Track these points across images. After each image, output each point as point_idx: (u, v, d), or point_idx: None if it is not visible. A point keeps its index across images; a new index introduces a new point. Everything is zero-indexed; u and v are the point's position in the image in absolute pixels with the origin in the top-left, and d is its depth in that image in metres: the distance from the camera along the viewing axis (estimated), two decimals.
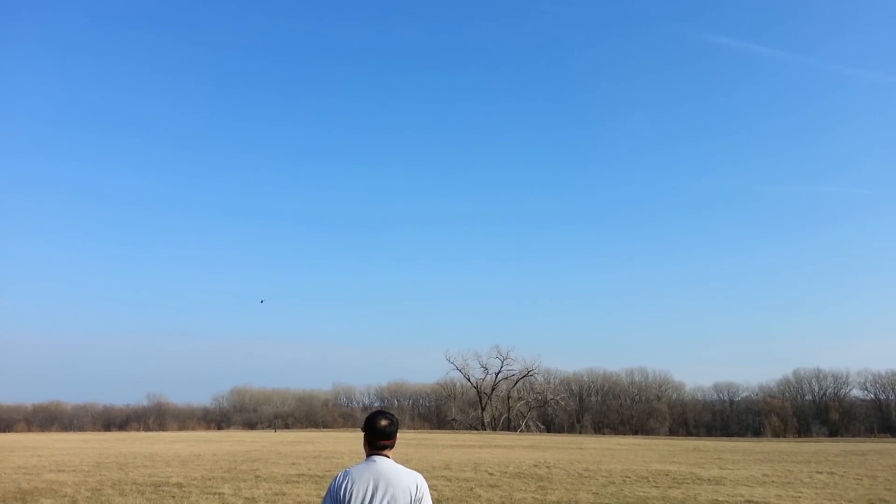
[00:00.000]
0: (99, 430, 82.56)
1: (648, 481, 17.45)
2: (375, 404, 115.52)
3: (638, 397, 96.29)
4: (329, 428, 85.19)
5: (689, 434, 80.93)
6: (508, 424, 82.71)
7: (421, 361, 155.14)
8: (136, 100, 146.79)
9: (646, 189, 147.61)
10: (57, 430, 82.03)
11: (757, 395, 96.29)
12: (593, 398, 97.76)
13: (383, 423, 3.70)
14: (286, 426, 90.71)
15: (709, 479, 17.72)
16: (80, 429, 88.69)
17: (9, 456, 25.70)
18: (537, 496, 14.02)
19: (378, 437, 3.69)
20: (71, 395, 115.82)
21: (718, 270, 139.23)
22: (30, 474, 17.89)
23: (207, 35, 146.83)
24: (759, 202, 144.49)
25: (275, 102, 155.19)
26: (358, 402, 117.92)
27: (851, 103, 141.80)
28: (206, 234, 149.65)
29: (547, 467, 21.08)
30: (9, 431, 79.15)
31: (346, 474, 3.63)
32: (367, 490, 3.52)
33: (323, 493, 13.90)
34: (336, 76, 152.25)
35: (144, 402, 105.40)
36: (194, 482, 15.98)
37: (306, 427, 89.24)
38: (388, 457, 3.72)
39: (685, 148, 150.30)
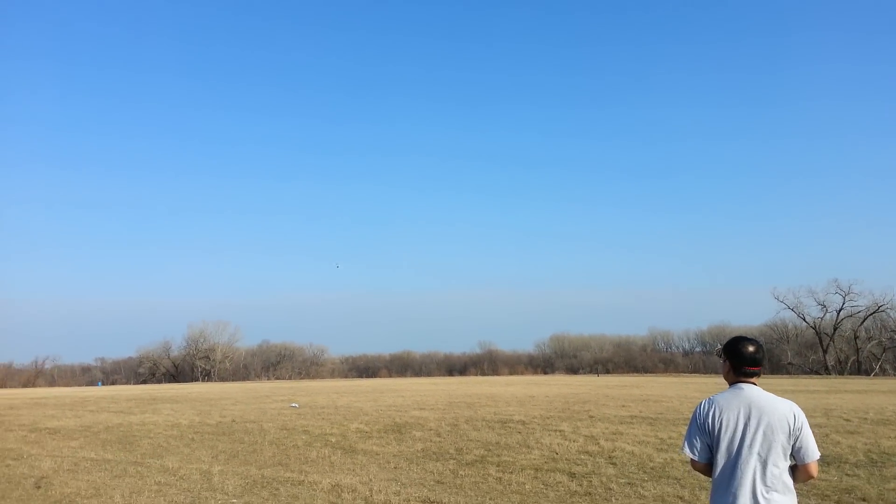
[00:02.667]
0: (443, 375, 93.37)
1: None
2: (697, 349, 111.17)
3: None
4: (650, 373, 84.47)
5: None
6: (858, 368, 72.94)
7: (745, 302, 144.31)
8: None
9: None
10: (410, 376, 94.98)
11: None
12: None
13: (751, 348, 3.47)
14: (607, 371, 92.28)
15: None
16: (428, 374, 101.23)
17: (381, 396, 30.61)
18: None
19: (745, 364, 3.45)
20: (418, 346, 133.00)
21: None
22: (400, 411, 21.12)
23: None
24: None
25: None
26: (677, 347, 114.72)
27: None
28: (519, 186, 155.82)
29: None
30: (375, 376, 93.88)
31: (711, 402, 3.46)
32: (738, 418, 3.32)
33: (669, 434, 14.07)
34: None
35: (477, 350, 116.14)
36: (535, 420, 17.33)
37: (626, 372, 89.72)
38: (756, 384, 3.47)
39: None
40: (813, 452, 3.31)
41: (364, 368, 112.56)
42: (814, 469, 3.31)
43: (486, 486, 9.06)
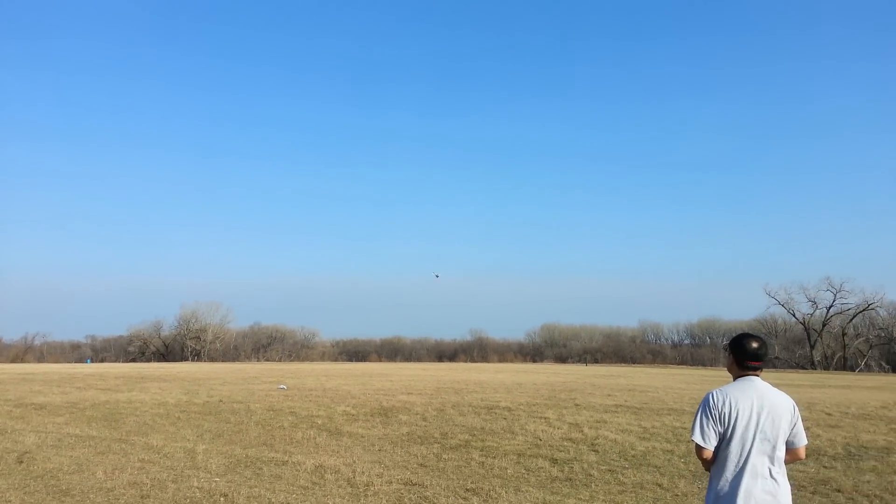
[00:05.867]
0: (433, 361, 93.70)
1: None
2: (685, 342, 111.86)
3: None
4: (638, 364, 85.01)
5: None
6: (844, 364, 73.64)
7: (735, 297, 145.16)
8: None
9: None
10: (400, 361, 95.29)
11: None
12: None
13: (754, 344, 3.73)
14: (595, 361, 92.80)
15: None
16: (418, 359, 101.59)
17: (369, 380, 30.71)
18: (891, 438, 12.48)
19: (750, 358, 3.71)
20: (409, 331, 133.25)
21: None
22: (387, 395, 21.20)
23: None
24: None
25: None
26: (666, 339, 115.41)
27: None
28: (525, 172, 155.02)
29: None
30: (364, 361, 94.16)
31: (725, 392, 3.67)
32: (752, 407, 3.58)
33: (652, 423, 14.19)
34: None
35: (468, 337, 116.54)
36: (521, 406, 17.44)
37: (615, 362, 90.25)
38: (759, 377, 3.74)
39: None
40: (804, 438, 3.71)
41: (354, 353, 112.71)
42: (803, 452, 3.74)
43: (468, 469, 9.13)
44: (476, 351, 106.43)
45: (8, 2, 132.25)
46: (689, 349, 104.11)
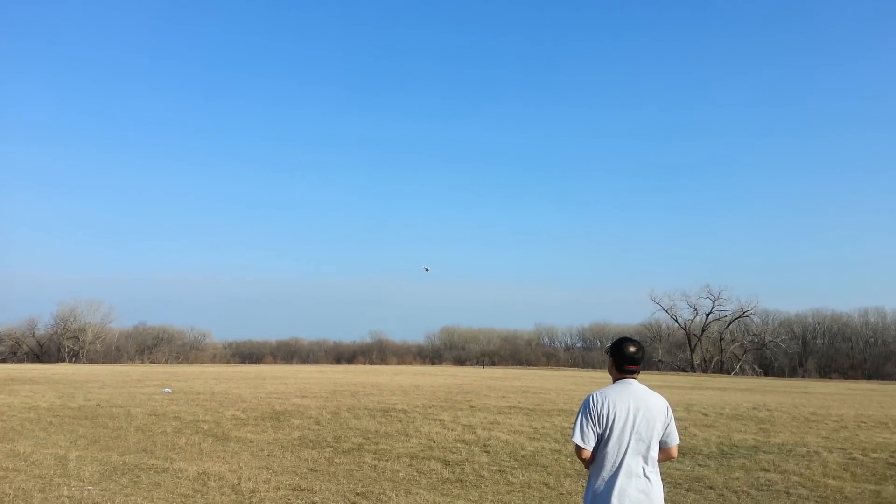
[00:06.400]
0: (331, 363, 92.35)
1: (889, 427, 15.87)
2: (578, 345, 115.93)
3: (873, 340, 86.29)
4: (533, 366, 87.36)
5: None
6: (721, 367, 78.77)
7: (624, 302, 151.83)
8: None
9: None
10: (297, 363, 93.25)
11: None
12: (819, 341, 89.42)
13: (632, 349, 3.87)
14: (492, 363, 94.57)
15: None
16: (315, 362, 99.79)
17: (262, 383, 29.83)
18: (759, 437, 13.43)
19: (627, 362, 3.86)
20: (307, 333, 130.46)
21: None
22: (281, 398, 20.66)
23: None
24: None
25: None
26: (560, 342, 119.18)
27: None
28: (432, 175, 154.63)
29: (768, 410, 19.96)
30: (259, 363, 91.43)
31: (603, 394, 3.79)
32: (628, 409, 3.71)
33: (542, 423, 14.56)
34: None
35: (367, 339, 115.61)
36: (417, 409, 17.46)
37: (511, 365, 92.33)
38: (636, 380, 3.89)
39: None
40: (676, 438, 3.89)
41: (248, 354, 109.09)
42: (675, 451, 3.92)
43: (360, 473, 9.02)
44: (375, 353, 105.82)
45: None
46: (580, 352, 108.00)
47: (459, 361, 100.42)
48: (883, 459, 11.01)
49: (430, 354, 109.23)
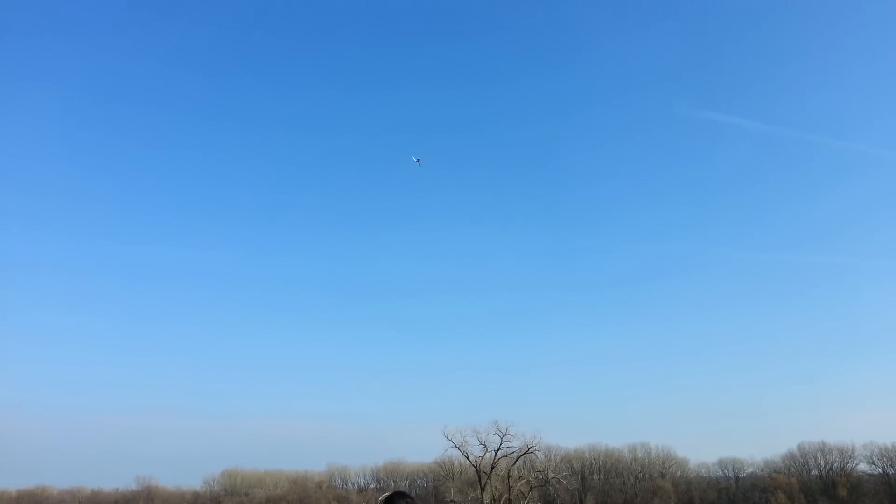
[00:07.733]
0: None
1: None
2: (371, 486, 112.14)
3: (641, 475, 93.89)
4: None
5: None
6: None
7: (419, 438, 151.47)
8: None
9: (643, 254, 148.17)
10: None
11: (762, 470, 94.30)
12: (595, 476, 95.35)
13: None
14: None
15: None
16: None
17: None
18: None
19: None
20: (57, 479, 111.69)
21: (720, 339, 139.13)
22: None
23: None
24: (756, 269, 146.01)
25: None
26: (353, 484, 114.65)
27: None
28: (198, 309, 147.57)
29: None
30: None
31: None
32: None
33: None
34: None
35: (133, 486, 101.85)
36: None
37: None
38: None
39: (677, 212, 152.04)
40: None
41: None
42: None
43: None
44: (142, 502, 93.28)
45: None
46: (373, 494, 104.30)
47: None
48: None
49: (208, 502, 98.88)
